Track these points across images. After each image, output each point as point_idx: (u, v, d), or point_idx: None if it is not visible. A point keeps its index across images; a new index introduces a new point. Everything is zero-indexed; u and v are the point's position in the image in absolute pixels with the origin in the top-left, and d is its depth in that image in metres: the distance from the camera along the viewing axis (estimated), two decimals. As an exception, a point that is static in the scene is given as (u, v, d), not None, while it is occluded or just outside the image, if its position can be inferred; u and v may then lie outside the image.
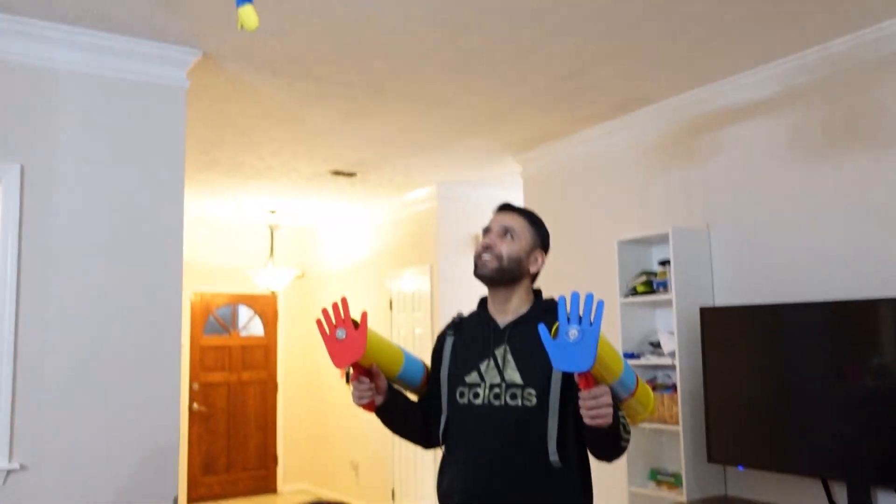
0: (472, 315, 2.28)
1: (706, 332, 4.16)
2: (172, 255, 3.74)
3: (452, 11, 3.43)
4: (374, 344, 2.05)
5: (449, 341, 2.22)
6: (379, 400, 2.10)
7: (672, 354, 4.36)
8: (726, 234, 4.43)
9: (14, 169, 3.37)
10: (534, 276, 2.22)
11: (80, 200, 3.52)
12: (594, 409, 1.78)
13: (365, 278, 8.17)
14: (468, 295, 2.66)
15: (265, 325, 9.07)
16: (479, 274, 2.15)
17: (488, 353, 2.10)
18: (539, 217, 2.33)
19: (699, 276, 4.43)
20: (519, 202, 6.16)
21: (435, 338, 2.33)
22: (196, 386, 8.47)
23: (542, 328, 1.81)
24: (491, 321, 2.17)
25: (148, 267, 3.67)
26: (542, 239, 2.24)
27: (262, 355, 9.01)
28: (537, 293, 2.25)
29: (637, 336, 4.69)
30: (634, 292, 4.63)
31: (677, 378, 4.25)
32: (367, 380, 2.05)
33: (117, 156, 3.63)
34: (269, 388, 9.01)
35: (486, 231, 2.23)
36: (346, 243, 8.63)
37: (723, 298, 4.40)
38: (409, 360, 2.20)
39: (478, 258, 2.16)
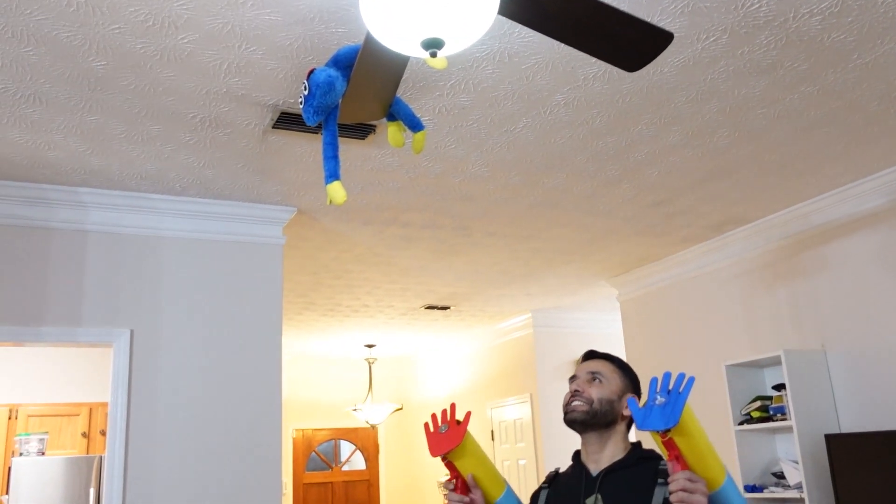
0: (569, 468, 2.19)
1: (835, 460, 3.84)
2: (272, 407, 3.79)
3: (532, 156, 3.49)
4: (474, 453, 2.00)
5: (543, 495, 2.12)
6: None
7: (799, 486, 4.03)
8: (845, 354, 4.15)
9: (125, 334, 3.54)
10: (630, 424, 2.10)
11: (184, 358, 3.65)
12: (686, 491, 1.66)
13: (465, 408, 8.04)
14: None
15: (367, 459, 8.99)
16: (569, 420, 2.06)
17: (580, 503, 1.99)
18: (626, 362, 2.26)
19: (819, 401, 4.14)
20: (617, 326, 6.04)
21: (539, 471, 2.23)
22: (301, 525, 8.38)
23: (631, 401, 1.79)
24: (584, 470, 2.06)
25: (248, 423, 3.71)
26: (632, 382, 2.14)
27: (365, 490, 8.88)
28: (636, 444, 2.15)
29: (758, 466, 4.37)
30: (750, 419, 4.36)
31: (807, 515, 3.90)
32: (462, 494, 1.99)
33: (219, 313, 3.77)
34: (373, 525, 8.82)
35: (573, 379, 2.18)
36: (445, 373, 8.58)
37: (848, 423, 4.07)
38: (512, 495, 2.12)
39: (567, 405, 2.07)
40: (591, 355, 2.23)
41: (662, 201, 4.18)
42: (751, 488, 4.26)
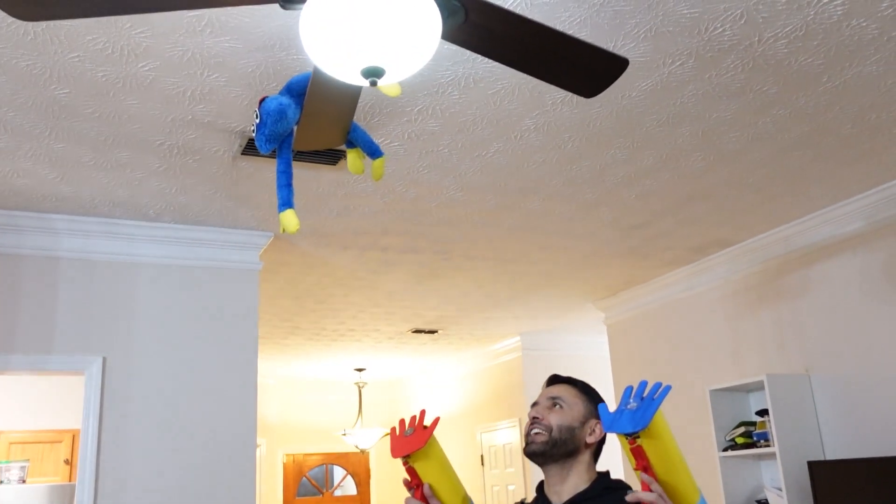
0: (534, 499, 2.09)
1: (818, 488, 3.78)
2: (247, 432, 3.75)
3: (506, 180, 3.47)
4: (438, 461, 1.90)
5: None
6: None
7: (783, 515, 3.97)
8: (830, 378, 4.10)
9: (97, 361, 3.51)
10: (595, 452, 1.98)
11: (157, 384, 3.61)
12: (648, 495, 1.57)
13: (455, 432, 7.97)
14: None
15: (358, 484, 8.90)
16: (528, 452, 1.93)
17: None
18: (591, 386, 2.14)
19: (804, 426, 4.08)
20: (604, 349, 5.99)
21: (529, 497, 2.13)
22: (290, 552, 8.28)
23: (602, 406, 1.70)
24: (546, 502, 1.94)
25: (222, 448, 3.67)
26: (596, 407, 1.98)
27: (357, 516, 8.78)
28: (602, 473, 1.97)
29: (742, 494, 4.30)
30: (735, 445, 4.30)
31: (792, 543, 3.84)
32: (421, 501, 1.88)
33: (194, 339, 3.74)
34: (364, 552, 8.71)
35: (534, 405, 2.08)
36: (436, 397, 8.51)
37: (833, 450, 4.01)
38: None
39: (527, 435, 1.95)
40: (553, 380, 2.08)
41: (642, 224, 4.16)
42: (735, 516, 4.19)
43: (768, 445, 4.07)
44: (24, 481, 5.06)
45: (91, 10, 1.54)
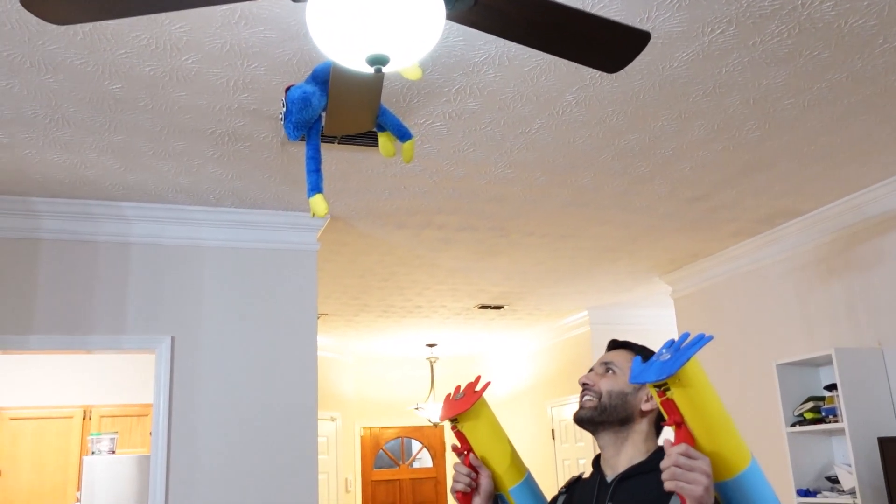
0: (591, 474, 1.88)
1: (889, 465, 3.65)
2: (308, 405, 3.89)
3: (554, 156, 3.46)
4: (488, 426, 1.86)
5: (560, 501, 1.90)
6: (478, 501, 1.85)
7: (853, 492, 3.85)
8: (903, 351, 3.93)
9: (166, 340, 3.71)
10: (656, 422, 1.80)
11: (223, 361, 3.79)
12: (680, 467, 1.40)
13: (526, 406, 8.01)
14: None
15: (433, 457, 9.07)
16: (577, 418, 1.80)
17: None
18: (649, 349, 1.91)
19: (875, 401, 3.93)
20: (673, 323, 5.89)
21: None
22: (369, 522, 8.54)
23: (636, 359, 1.54)
24: (599, 476, 1.81)
25: (284, 421, 3.82)
26: (639, 358, 1.78)
27: (432, 487, 8.96)
28: (662, 446, 1.72)
29: (812, 470, 4.19)
30: (803, 420, 4.19)
31: (861, 522, 3.72)
32: (470, 468, 1.85)
33: (256, 318, 3.90)
34: (440, 523, 8.90)
35: (590, 372, 1.87)
36: (506, 372, 8.56)
37: (908, 426, 3.86)
38: (528, 488, 1.92)
39: (580, 402, 1.82)
40: (612, 345, 1.94)
41: (701, 196, 4.06)
42: (804, 493, 4.09)
43: (837, 421, 3.94)
44: (113, 452, 5.39)
45: (105, 13, 1.63)
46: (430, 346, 8.17)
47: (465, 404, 1.80)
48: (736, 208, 4.28)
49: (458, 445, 1.88)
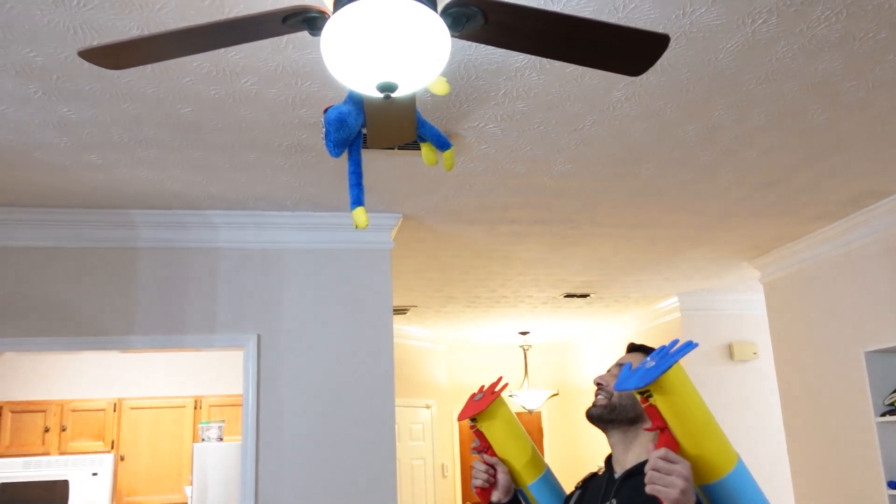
0: (603, 473, 2.00)
1: None
2: (386, 395, 4.09)
3: (612, 150, 3.47)
4: (505, 424, 1.97)
5: (574, 497, 1.99)
6: (496, 496, 1.97)
7: (948, 486, 3.68)
8: None
9: (252, 338, 3.98)
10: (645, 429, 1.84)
11: (305, 356, 4.03)
12: (658, 471, 1.46)
13: (620, 393, 7.97)
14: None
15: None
16: (588, 415, 1.90)
17: None
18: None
19: (971, 390, 3.74)
20: (764, 308, 5.73)
21: None
22: (468, 506, 8.75)
23: (626, 366, 1.63)
24: (609, 472, 1.89)
25: (364, 410, 4.04)
26: (629, 365, 1.86)
27: (531, 474, 9.06)
28: None
29: (905, 462, 4.03)
30: (893, 410, 4.03)
31: (955, 516, 3.56)
32: (488, 465, 1.97)
33: (335, 314, 4.12)
34: (539, 508, 8.99)
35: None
36: (600, 358, 8.53)
37: None
38: (548, 483, 2.03)
39: (594, 399, 1.92)
40: (630, 348, 2.02)
41: (773, 181, 3.96)
42: (893, 484, 3.94)
43: (929, 411, 3.78)
44: (221, 439, 5.80)
45: (147, 59, 1.82)
46: (523, 333, 8.26)
47: (483, 404, 1.91)
48: (814, 191, 4.14)
49: (478, 444, 1.98)
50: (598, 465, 2.16)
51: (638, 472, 1.77)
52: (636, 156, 3.55)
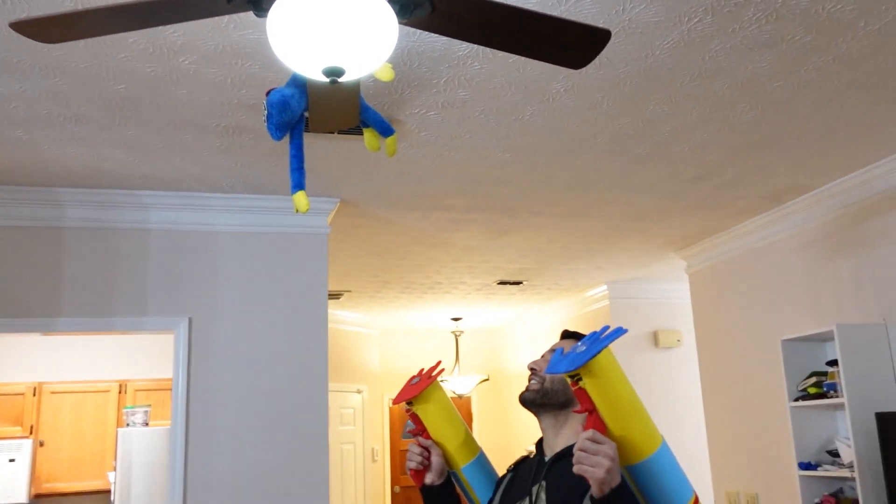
0: (535, 456, 2.04)
1: (886, 439, 3.70)
2: (319, 381, 4.08)
3: (550, 140, 3.53)
4: (440, 408, 2.01)
5: (506, 479, 2.02)
6: (430, 478, 1.99)
7: (851, 466, 3.90)
8: (908, 327, 3.95)
9: (184, 321, 3.91)
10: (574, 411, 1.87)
11: (238, 340, 3.99)
12: (585, 452, 1.51)
13: (550, 379, 8.13)
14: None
15: (461, 427, 9.26)
16: (521, 399, 1.94)
17: (526, 491, 1.88)
18: None
19: (877, 377, 3.96)
20: (686, 298, 5.93)
21: None
22: (397, 489, 8.80)
23: (557, 351, 1.68)
24: (540, 455, 1.94)
25: (296, 396, 4.02)
26: (561, 350, 1.90)
27: (461, 458, 9.17)
28: None
29: (814, 444, 4.25)
30: (807, 395, 4.24)
31: (858, 493, 3.78)
32: (422, 448, 2.01)
33: (269, 298, 4.09)
34: (468, 491, 9.12)
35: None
36: (531, 344, 8.68)
37: (911, 401, 3.89)
38: (481, 466, 2.07)
39: (527, 384, 1.97)
40: (564, 335, 2.08)
41: (703, 175, 4.10)
42: (805, 465, 4.16)
43: (838, 396, 3.99)
44: (146, 424, 5.68)
45: (86, 33, 1.77)
46: (455, 319, 8.32)
47: (419, 388, 1.95)
48: (741, 186, 4.31)
49: (414, 427, 2.03)
50: (526, 448, 2.22)
51: (567, 454, 1.82)
52: (573, 147, 3.63)
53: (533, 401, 1.91)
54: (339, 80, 1.72)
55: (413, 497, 8.88)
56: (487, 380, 8.54)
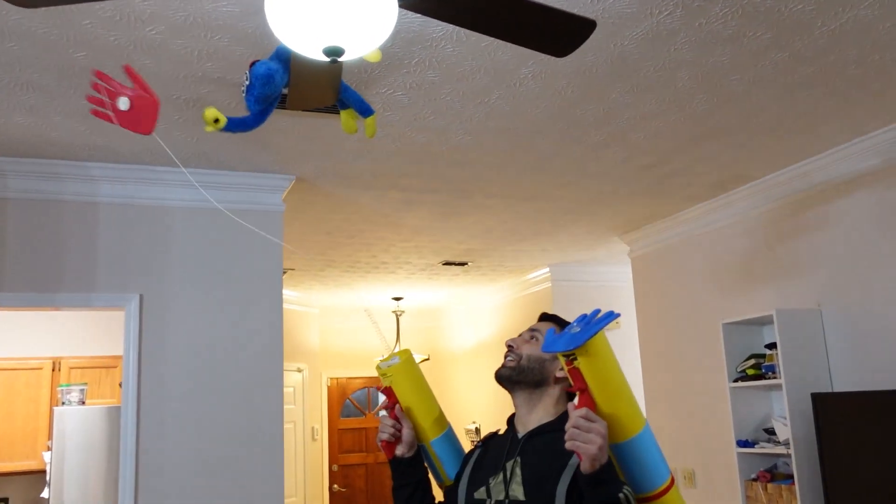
0: (505, 432, 2.10)
1: (820, 419, 3.91)
2: (274, 360, 4.04)
3: (512, 124, 3.57)
4: (412, 383, 2.05)
5: (476, 454, 2.06)
6: (400, 450, 2.04)
7: (787, 443, 4.11)
8: (841, 313, 4.16)
9: (135, 298, 3.81)
10: (567, 389, 1.98)
11: (190, 318, 3.91)
12: (579, 428, 1.56)
13: (490, 358, 8.25)
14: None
15: (400, 406, 9.31)
16: (497, 375, 1.99)
17: (500, 467, 1.91)
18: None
19: (812, 360, 4.18)
20: (628, 282, 6.09)
21: None
22: (335, 468, 8.80)
23: (549, 331, 1.73)
24: (512, 432, 1.99)
25: (251, 374, 3.97)
26: (553, 329, 1.98)
27: (399, 436, 9.23)
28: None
29: (751, 422, 4.46)
30: (745, 376, 4.43)
31: (793, 468, 3.99)
32: (395, 420, 2.04)
33: (223, 276, 4.01)
34: (406, 469, 9.20)
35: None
36: (471, 325, 8.78)
37: (842, 384, 4.11)
38: (450, 440, 2.13)
39: (503, 361, 2.02)
40: (542, 317, 2.14)
41: (655, 163, 4.21)
42: (743, 443, 4.36)
43: (776, 377, 4.19)
44: (83, 403, 5.51)
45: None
46: (397, 299, 8.33)
47: (152, 106, 1.88)
48: (688, 174, 4.44)
49: (387, 400, 2.06)
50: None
51: (540, 432, 1.90)
52: (534, 131, 3.67)
53: (509, 377, 1.95)
54: (340, 59, 1.71)
55: (350, 475, 8.90)
56: (428, 359, 8.60)
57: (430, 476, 2.17)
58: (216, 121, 2.08)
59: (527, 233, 5.68)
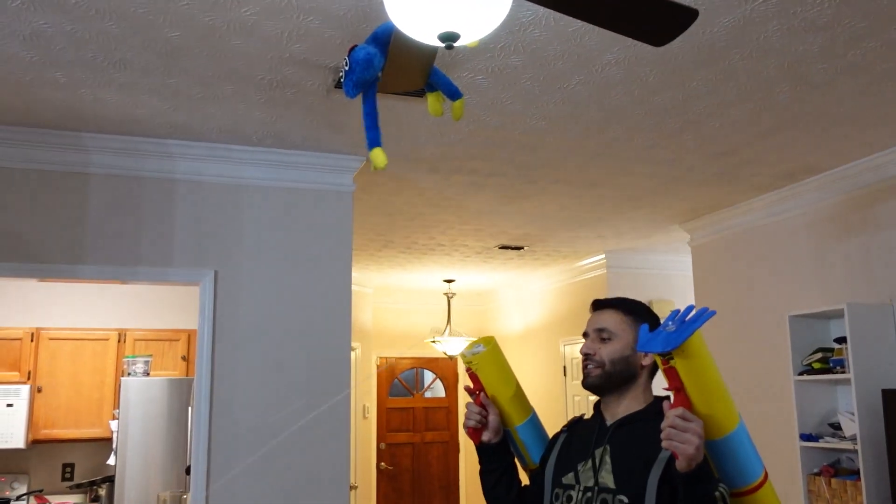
0: (592, 416, 2.11)
1: (890, 415, 3.85)
2: (342, 336, 4.11)
3: (588, 111, 3.56)
4: (498, 370, 2.07)
5: (561, 439, 2.07)
6: (487, 436, 2.06)
7: (854, 438, 4.07)
8: (912, 308, 4.09)
9: (210, 274, 3.90)
10: (652, 373, 1.97)
11: (263, 294, 3.99)
12: (675, 428, 1.57)
13: (538, 344, 8.26)
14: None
15: (446, 387, 9.39)
16: (586, 385, 1.98)
17: (588, 454, 1.92)
18: (637, 303, 2.04)
19: (882, 355, 4.11)
20: (689, 269, 6.04)
21: None
22: (383, 446, 8.92)
23: (643, 327, 1.72)
24: (601, 419, 2.00)
25: (320, 350, 4.05)
26: (648, 324, 1.91)
27: (444, 416, 9.32)
28: (660, 398, 1.91)
29: (816, 416, 4.41)
30: (811, 370, 4.38)
31: (860, 464, 3.95)
32: (481, 407, 2.07)
33: (294, 254, 4.08)
34: (451, 449, 9.28)
35: (585, 336, 2.04)
36: (521, 309, 8.79)
37: (912, 379, 4.05)
38: (534, 425, 2.15)
39: (584, 370, 2.01)
40: (597, 305, 2.08)
41: (726, 152, 4.16)
42: (807, 437, 4.32)
43: (844, 372, 4.13)
44: (147, 374, 5.66)
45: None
46: (448, 281, 8.37)
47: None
48: (759, 163, 4.38)
49: (472, 386, 2.08)
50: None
51: (629, 421, 1.91)
52: (609, 118, 3.65)
53: (599, 386, 1.96)
54: (455, 45, 1.73)
55: (397, 454, 9.02)
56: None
57: (516, 460, 2.21)
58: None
59: (586, 219, 5.66)
